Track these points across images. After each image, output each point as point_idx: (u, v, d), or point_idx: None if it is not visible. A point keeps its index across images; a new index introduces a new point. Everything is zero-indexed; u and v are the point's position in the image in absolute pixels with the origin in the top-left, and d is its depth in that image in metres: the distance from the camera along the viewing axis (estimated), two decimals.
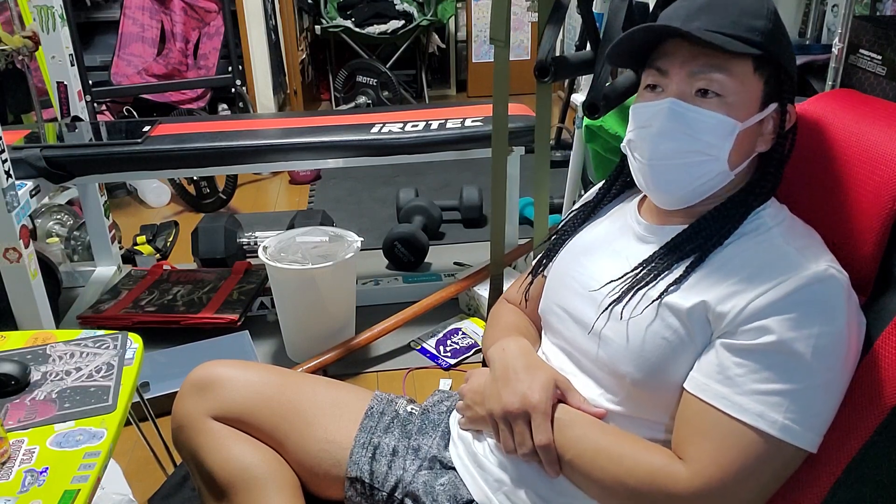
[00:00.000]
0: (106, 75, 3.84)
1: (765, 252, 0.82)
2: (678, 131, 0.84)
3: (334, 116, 2.39)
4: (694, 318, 0.82)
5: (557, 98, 4.22)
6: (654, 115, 0.85)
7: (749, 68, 0.83)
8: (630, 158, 0.92)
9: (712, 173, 0.85)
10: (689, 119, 0.83)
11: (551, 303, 1.00)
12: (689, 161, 0.85)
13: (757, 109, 0.85)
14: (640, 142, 0.88)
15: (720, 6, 0.83)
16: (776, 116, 0.87)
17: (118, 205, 3.21)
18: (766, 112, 0.85)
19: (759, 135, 0.86)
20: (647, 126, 0.87)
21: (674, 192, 0.87)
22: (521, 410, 0.89)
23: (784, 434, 0.75)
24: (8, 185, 1.73)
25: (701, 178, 0.85)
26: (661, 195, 0.89)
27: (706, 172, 0.85)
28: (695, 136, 0.83)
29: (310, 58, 4.69)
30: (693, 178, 0.85)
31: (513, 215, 2.27)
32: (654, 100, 0.86)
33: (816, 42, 1.94)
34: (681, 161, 0.85)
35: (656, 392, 0.85)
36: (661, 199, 0.90)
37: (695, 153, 0.84)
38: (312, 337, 2.01)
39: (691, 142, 0.84)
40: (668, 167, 0.86)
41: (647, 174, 0.88)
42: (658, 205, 0.91)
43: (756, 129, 0.86)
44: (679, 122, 0.84)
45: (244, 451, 1.01)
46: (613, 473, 0.83)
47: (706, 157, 0.84)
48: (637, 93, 0.91)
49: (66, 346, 1.20)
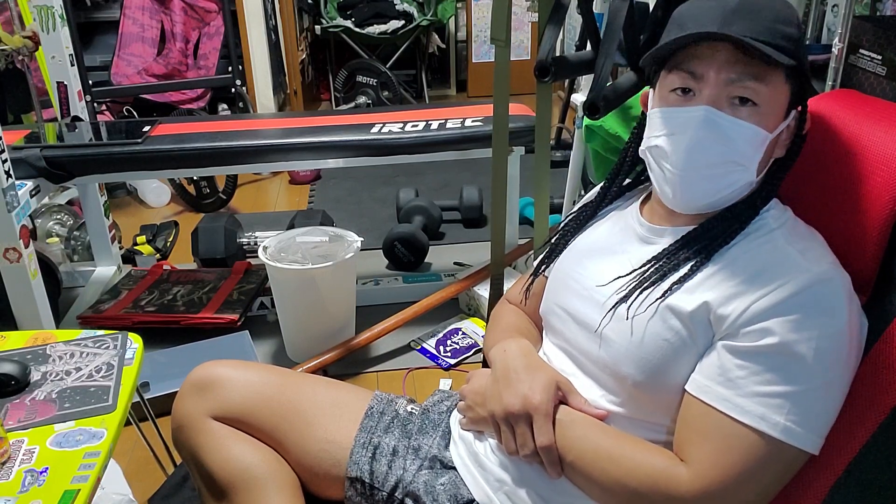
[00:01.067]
0: (106, 75, 3.84)
1: (767, 253, 0.82)
2: (713, 140, 0.82)
3: (334, 116, 2.39)
4: (696, 320, 0.82)
5: (557, 98, 4.22)
6: (687, 122, 0.82)
7: (782, 77, 0.82)
8: (652, 165, 0.89)
9: (741, 182, 0.84)
10: (725, 128, 0.81)
11: (552, 303, 1.00)
12: (721, 171, 0.83)
13: (783, 118, 0.84)
14: (672, 150, 0.84)
15: (755, 11, 0.80)
16: (793, 123, 0.86)
17: (118, 205, 3.21)
18: (788, 120, 0.85)
19: (778, 142, 0.86)
20: (678, 133, 0.83)
21: (700, 200, 0.86)
22: (522, 412, 0.89)
23: (786, 436, 0.75)
24: (8, 185, 1.73)
25: (730, 187, 0.84)
26: (684, 201, 0.86)
27: (736, 181, 0.84)
28: (730, 146, 0.82)
29: (310, 58, 4.69)
30: (722, 187, 0.84)
31: (513, 215, 2.26)
32: (685, 105, 0.83)
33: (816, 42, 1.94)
34: (714, 171, 0.83)
35: (657, 393, 0.85)
36: (681, 204, 0.87)
37: (729, 164, 0.82)
38: (312, 337, 2.01)
39: (726, 152, 0.82)
40: (700, 177, 0.84)
41: (675, 184, 0.85)
42: (676, 209, 0.88)
43: (777, 137, 0.85)
44: (715, 131, 0.81)
45: (244, 451, 1.01)
46: (614, 475, 0.83)
47: (738, 168, 0.83)
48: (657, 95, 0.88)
49: (66, 346, 1.20)
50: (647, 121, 0.91)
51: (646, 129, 0.90)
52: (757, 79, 0.80)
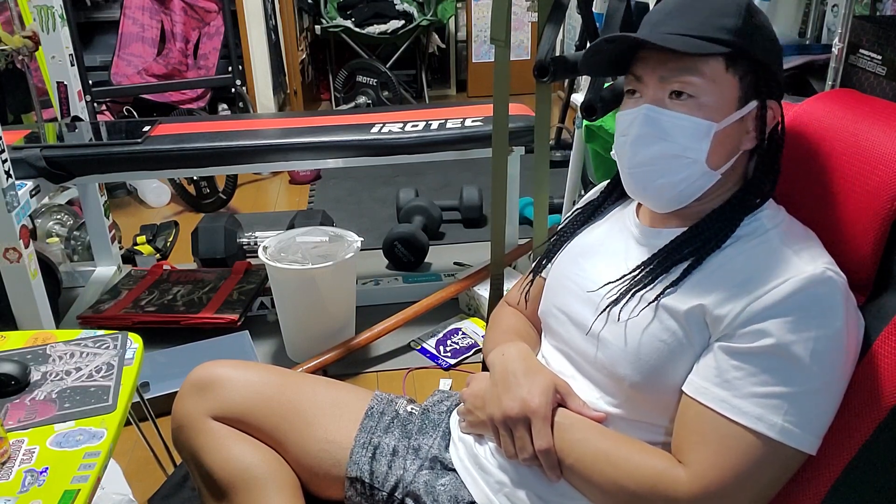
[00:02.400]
0: (106, 75, 3.84)
1: (762, 254, 0.82)
2: (654, 136, 0.84)
3: (334, 116, 2.39)
4: (691, 321, 0.82)
5: (557, 98, 4.22)
6: (632, 121, 0.86)
7: (720, 67, 0.83)
8: (619, 165, 0.92)
9: (694, 175, 0.85)
10: (664, 123, 0.84)
11: (550, 305, 1.00)
12: (668, 166, 0.85)
13: (734, 108, 0.84)
14: (621, 149, 0.89)
15: (690, 8, 0.84)
16: (758, 113, 0.86)
17: (118, 205, 3.21)
18: (745, 110, 0.85)
19: (744, 133, 0.86)
20: (626, 133, 0.87)
21: (659, 197, 0.88)
22: (521, 415, 0.89)
23: (783, 437, 0.75)
24: (8, 185, 1.73)
25: (684, 181, 0.85)
26: (649, 200, 0.90)
27: (688, 175, 0.85)
28: (671, 140, 0.84)
29: (310, 58, 4.69)
30: (675, 181, 0.86)
31: (513, 215, 2.27)
32: (633, 107, 0.87)
33: (816, 42, 1.93)
34: (660, 166, 0.85)
35: (655, 395, 0.85)
36: (650, 204, 0.91)
37: (672, 157, 0.84)
38: (312, 337, 2.01)
39: (668, 146, 0.84)
40: (648, 172, 0.86)
41: (629, 181, 0.89)
42: (650, 208, 0.91)
43: (738, 128, 0.85)
44: (654, 126, 0.84)
45: (244, 451, 1.01)
46: (613, 477, 0.83)
47: (685, 160, 0.84)
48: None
49: (66, 346, 1.20)
50: None
51: None
52: (690, 72, 0.82)
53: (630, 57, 0.88)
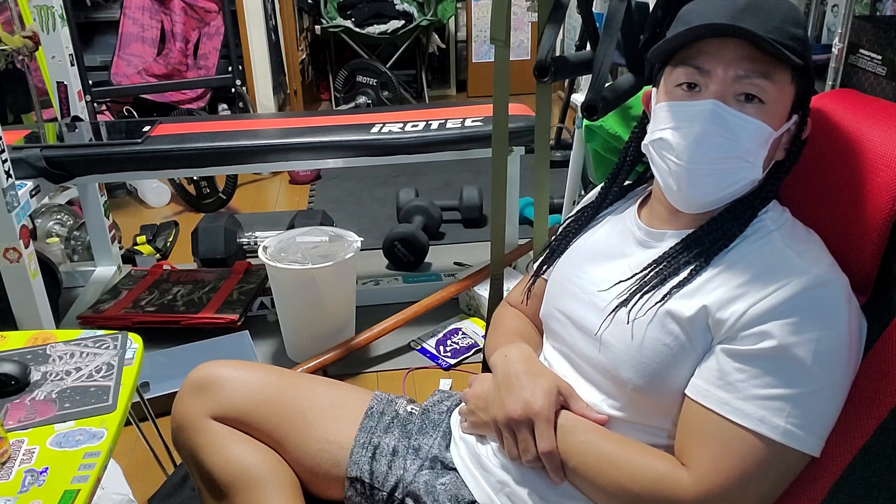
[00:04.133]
0: (106, 75, 3.84)
1: (765, 256, 0.82)
2: (719, 135, 0.82)
3: (334, 116, 2.39)
4: (694, 324, 0.82)
5: (557, 98, 4.22)
6: (694, 116, 0.82)
7: (788, 77, 0.82)
8: (655, 158, 0.88)
9: (745, 180, 0.84)
10: (732, 123, 0.81)
11: (552, 308, 1.00)
12: (727, 167, 0.83)
13: (786, 119, 0.84)
14: (678, 143, 0.84)
15: (764, 10, 0.80)
16: (794, 127, 0.86)
17: (118, 205, 3.21)
18: (791, 121, 0.85)
19: (780, 143, 0.86)
20: (683, 127, 0.83)
21: (704, 197, 0.85)
22: (524, 417, 0.89)
23: (786, 439, 0.75)
24: (8, 185, 1.73)
25: (734, 184, 0.84)
26: (688, 198, 0.86)
27: (740, 178, 0.84)
28: (735, 142, 0.82)
29: (310, 58, 4.69)
30: (727, 183, 0.84)
31: (513, 215, 2.26)
32: (692, 100, 0.83)
33: (816, 42, 1.94)
34: (719, 166, 0.83)
35: (658, 398, 0.85)
36: (684, 202, 0.87)
37: (734, 159, 0.82)
38: (312, 337, 2.01)
39: (732, 147, 0.82)
40: (705, 171, 0.83)
41: (681, 177, 0.84)
42: (679, 207, 0.88)
43: (779, 138, 0.85)
44: (721, 125, 0.81)
45: (244, 451, 1.01)
46: (616, 480, 0.83)
47: (744, 164, 0.83)
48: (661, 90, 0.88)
49: (66, 346, 1.20)
50: (651, 116, 0.91)
51: (650, 123, 0.90)
52: (766, 76, 0.80)
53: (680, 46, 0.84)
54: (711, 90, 0.82)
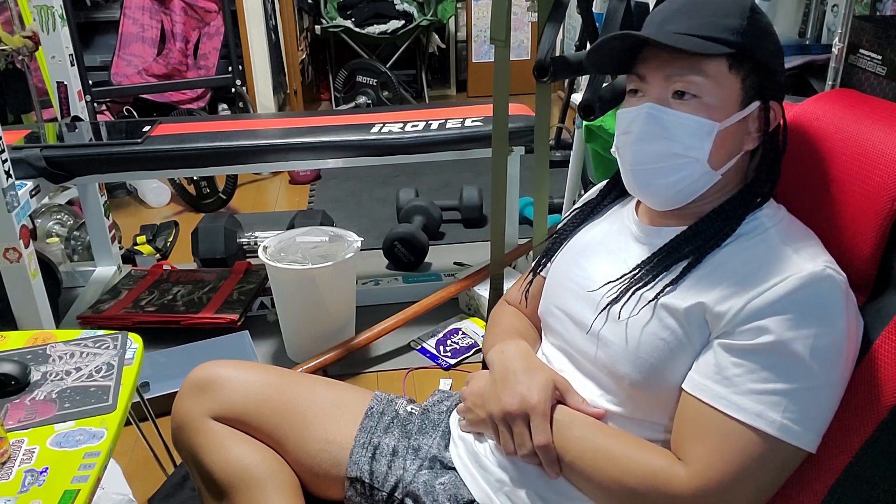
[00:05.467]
0: (106, 75, 3.84)
1: (762, 252, 0.82)
2: (656, 135, 0.85)
3: (334, 116, 2.39)
4: (691, 319, 0.82)
5: (557, 98, 4.22)
6: (634, 119, 0.86)
7: (724, 68, 0.83)
8: (619, 163, 0.92)
9: (695, 175, 0.85)
10: (667, 122, 0.84)
11: (550, 304, 1.00)
12: (669, 164, 0.85)
13: (737, 108, 0.84)
14: (623, 147, 0.89)
15: (693, 8, 0.84)
16: (760, 114, 0.86)
17: (118, 205, 3.21)
18: (747, 111, 0.85)
19: (745, 133, 0.86)
20: (628, 132, 0.87)
21: (660, 195, 0.88)
22: (520, 412, 0.89)
23: (783, 434, 0.75)
24: (8, 185, 1.73)
25: (684, 179, 0.86)
26: (649, 198, 0.90)
27: (689, 174, 0.85)
28: (673, 139, 0.84)
29: (310, 58, 4.69)
30: (676, 180, 0.86)
31: (513, 215, 2.27)
32: (636, 105, 0.87)
33: (816, 42, 1.93)
34: (661, 165, 0.85)
35: (655, 393, 0.85)
36: (650, 202, 0.91)
37: (674, 156, 0.85)
38: (312, 337, 2.01)
39: (670, 144, 0.84)
40: (650, 171, 0.87)
41: (630, 179, 0.89)
42: (651, 207, 0.91)
43: (740, 128, 0.85)
44: (657, 125, 0.84)
45: (244, 451, 1.01)
46: (613, 474, 0.83)
47: (686, 160, 0.84)
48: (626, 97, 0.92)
49: (66, 346, 1.20)
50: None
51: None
52: (694, 71, 0.82)
53: (632, 56, 0.88)
54: (651, 94, 0.86)
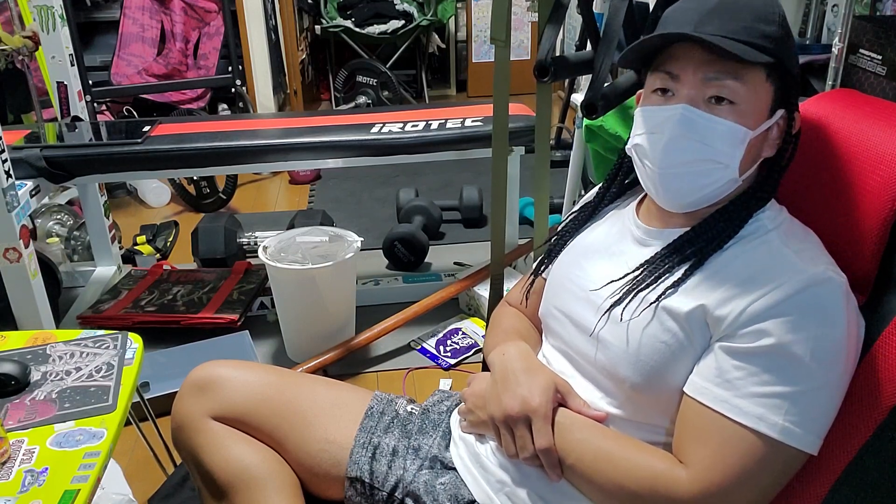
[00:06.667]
0: (106, 75, 3.84)
1: (763, 255, 0.82)
2: (690, 139, 0.83)
3: (334, 116, 2.39)
4: (692, 322, 0.82)
5: (557, 98, 4.22)
6: (665, 120, 0.84)
7: (761, 76, 0.82)
8: (637, 163, 0.90)
9: (722, 180, 0.85)
10: (702, 126, 0.82)
11: (551, 306, 1.00)
12: (700, 169, 0.84)
13: (766, 116, 0.84)
14: (651, 148, 0.86)
15: (731, 10, 0.81)
16: (782, 122, 0.86)
17: (118, 205, 3.21)
18: (774, 119, 0.85)
19: (766, 140, 0.86)
20: (657, 132, 0.85)
21: (683, 199, 0.87)
22: (521, 414, 0.89)
23: (784, 436, 0.75)
24: (8, 185, 1.73)
25: (711, 185, 0.85)
26: (669, 200, 0.88)
27: (717, 180, 0.84)
28: (707, 144, 0.82)
29: (310, 58, 4.69)
30: (703, 185, 0.85)
31: (513, 215, 2.26)
32: (664, 104, 0.84)
33: (816, 42, 1.93)
34: (692, 169, 0.84)
35: (656, 396, 0.85)
36: (666, 202, 0.89)
37: (706, 161, 0.83)
38: (312, 337, 2.01)
39: (704, 150, 0.83)
40: (679, 174, 0.85)
41: (656, 181, 0.87)
42: (664, 207, 0.90)
43: (763, 136, 0.85)
44: (691, 129, 0.82)
45: (244, 451, 1.01)
46: (614, 477, 0.83)
47: (717, 166, 0.83)
48: (643, 95, 0.90)
49: (66, 346, 1.20)
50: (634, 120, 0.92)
51: (632, 128, 0.92)
52: (734, 77, 0.81)
53: (656, 52, 0.86)
54: (682, 94, 0.83)
